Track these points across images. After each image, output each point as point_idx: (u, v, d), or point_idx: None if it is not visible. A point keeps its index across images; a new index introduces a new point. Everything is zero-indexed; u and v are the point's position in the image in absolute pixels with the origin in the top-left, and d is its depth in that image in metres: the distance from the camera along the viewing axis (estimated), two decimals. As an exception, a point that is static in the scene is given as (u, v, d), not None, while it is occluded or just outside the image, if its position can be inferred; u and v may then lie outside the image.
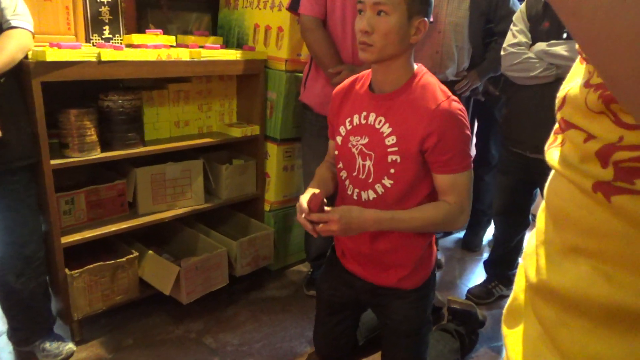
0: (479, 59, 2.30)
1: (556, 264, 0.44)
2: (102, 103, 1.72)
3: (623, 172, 0.37)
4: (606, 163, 0.39)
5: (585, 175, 0.41)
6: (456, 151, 1.21)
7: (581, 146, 0.41)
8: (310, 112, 1.96)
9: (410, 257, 1.34)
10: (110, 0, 1.81)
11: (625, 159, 0.37)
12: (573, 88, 0.45)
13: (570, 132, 0.44)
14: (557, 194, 0.46)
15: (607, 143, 0.39)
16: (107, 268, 1.73)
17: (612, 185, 0.38)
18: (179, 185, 1.98)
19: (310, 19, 1.82)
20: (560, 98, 0.47)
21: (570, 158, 0.43)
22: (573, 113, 0.44)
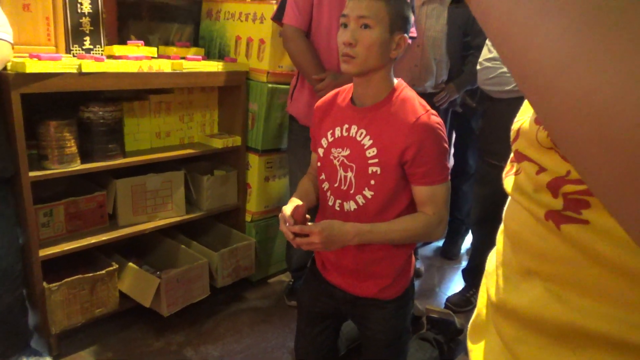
0: (456, 72, 2.37)
1: (514, 284, 0.48)
2: (83, 114, 1.71)
3: (571, 202, 0.40)
4: (556, 194, 0.42)
5: (539, 204, 0.44)
6: (434, 163, 1.24)
7: (534, 177, 0.45)
8: (296, 123, 1.98)
9: (391, 268, 1.36)
10: (92, 11, 1.80)
11: (572, 192, 0.40)
12: (525, 122, 0.48)
13: (525, 163, 0.47)
14: (513, 219, 0.49)
15: (556, 176, 0.42)
16: (86, 281, 1.71)
17: (561, 214, 0.41)
18: (160, 197, 1.97)
19: (293, 29, 1.85)
20: (515, 130, 0.51)
21: (525, 187, 0.46)
22: (526, 146, 0.47)
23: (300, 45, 1.84)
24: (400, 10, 1.21)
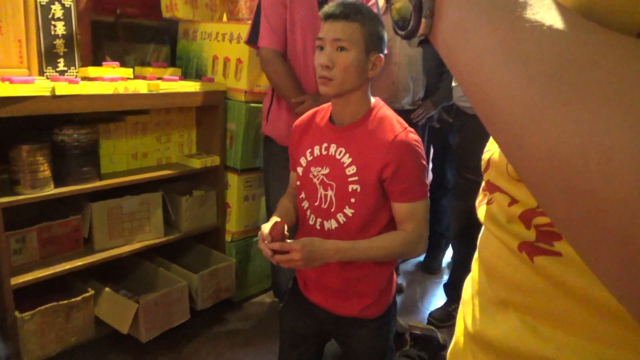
0: (433, 88, 2.41)
1: (489, 315, 0.47)
2: (56, 137, 1.67)
3: (543, 234, 0.40)
4: (529, 225, 0.42)
5: (512, 235, 0.43)
6: (413, 181, 1.25)
7: (506, 209, 0.44)
8: (275, 144, 1.96)
9: (373, 287, 1.36)
10: (65, 33, 1.78)
11: (544, 224, 0.40)
12: (495, 153, 0.48)
13: (497, 194, 0.47)
14: (487, 248, 0.49)
15: (528, 208, 0.42)
16: (61, 308, 1.66)
17: (534, 246, 0.41)
18: (137, 219, 1.94)
19: (270, 52, 1.84)
20: (485, 161, 0.51)
21: (498, 217, 0.46)
22: (497, 177, 0.47)
23: (279, 68, 1.84)
24: (374, 30, 1.23)
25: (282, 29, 1.84)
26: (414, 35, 0.35)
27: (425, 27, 0.34)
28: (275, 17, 1.82)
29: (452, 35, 0.32)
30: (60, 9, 1.74)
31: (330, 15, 1.21)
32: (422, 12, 0.33)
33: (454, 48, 0.32)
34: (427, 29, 0.34)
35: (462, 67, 0.31)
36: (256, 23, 1.89)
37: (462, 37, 0.31)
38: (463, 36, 0.31)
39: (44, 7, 1.70)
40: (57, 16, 1.74)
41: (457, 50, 0.31)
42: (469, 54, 0.30)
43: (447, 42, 0.33)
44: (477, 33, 0.30)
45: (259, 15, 1.86)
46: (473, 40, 0.30)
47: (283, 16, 1.82)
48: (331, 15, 1.21)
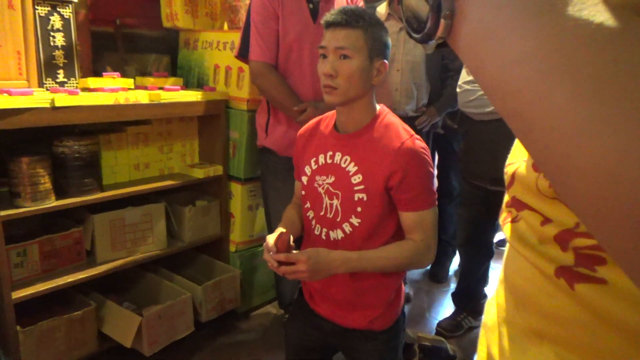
0: (436, 94, 2.38)
1: (520, 347, 0.43)
2: (57, 149, 1.65)
3: (584, 258, 0.36)
4: (566, 247, 0.38)
5: (546, 258, 0.39)
6: (421, 189, 1.22)
7: (539, 229, 0.40)
8: (274, 155, 1.93)
9: (381, 298, 1.33)
10: (65, 44, 1.77)
11: (584, 246, 0.36)
12: (521, 167, 0.44)
13: (525, 212, 0.43)
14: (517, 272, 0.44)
15: (564, 228, 0.38)
16: (63, 322, 1.63)
17: (574, 271, 0.37)
18: (140, 230, 1.91)
19: (262, 65, 1.81)
20: (509, 175, 0.46)
21: (529, 238, 0.42)
22: (525, 193, 0.43)
23: (273, 80, 1.81)
24: (377, 36, 1.20)
25: (273, 42, 1.81)
26: (431, 39, 0.31)
27: (444, 29, 0.30)
28: (267, 29, 1.79)
29: (478, 38, 0.28)
30: (60, 20, 1.73)
31: (332, 23, 1.19)
32: (441, 12, 0.29)
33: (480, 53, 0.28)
34: (446, 31, 0.30)
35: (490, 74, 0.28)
36: (246, 37, 1.86)
37: (490, 40, 0.27)
38: (491, 39, 0.27)
39: (43, 18, 1.69)
40: (56, 27, 1.72)
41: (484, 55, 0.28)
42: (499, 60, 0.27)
43: (471, 46, 0.29)
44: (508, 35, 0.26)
45: (249, 28, 1.83)
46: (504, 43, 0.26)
47: (274, 29, 1.80)
48: (333, 23, 1.19)
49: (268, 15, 1.78)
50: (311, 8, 1.80)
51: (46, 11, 1.69)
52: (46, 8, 1.69)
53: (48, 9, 1.69)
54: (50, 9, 1.70)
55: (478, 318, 2.27)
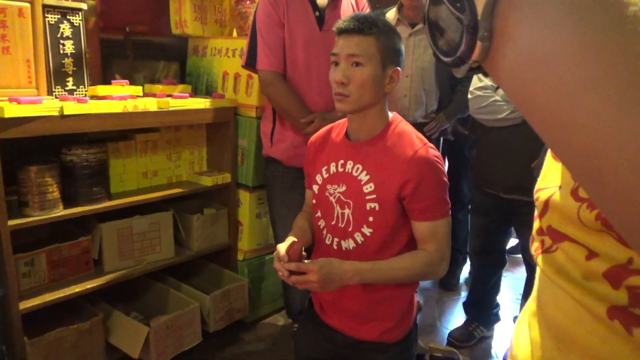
0: (446, 101, 2.36)
1: None
2: (65, 157, 1.64)
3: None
4: (618, 285, 0.34)
5: (594, 296, 0.35)
6: (434, 198, 1.20)
7: (583, 263, 0.37)
8: (280, 165, 1.91)
9: (395, 310, 1.30)
10: (74, 52, 1.76)
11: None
12: (556, 194, 0.41)
13: (566, 244, 0.39)
14: (557, 308, 0.40)
15: (615, 264, 0.34)
16: (70, 333, 1.61)
17: (630, 313, 0.33)
18: (148, 239, 1.89)
19: (270, 74, 1.79)
20: (542, 202, 0.42)
21: (571, 272, 0.38)
22: (563, 223, 0.39)
23: (282, 90, 1.79)
24: (390, 44, 1.18)
25: (280, 50, 1.79)
26: (464, 63, 0.27)
27: (480, 53, 0.26)
28: (273, 38, 1.78)
29: (525, 63, 0.24)
30: (69, 28, 1.73)
31: (344, 30, 1.17)
32: (478, 33, 0.26)
33: (530, 80, 0.25)
34: (483, 54, 0.26)
35: (543, 104, 0.24)
36: (252, 46, 1.84)
37: (543, 65, 0.23)
38: (545, 64, 0.23)
39: (53, 26, 1.68)
40: (65, 35, 1.72)
41: (534, 83, 0.24)
42: (555, 90, 0.23)
43: (517, 73, 0.25)
44: (568, 60, 0.22)
45: (255, 37, 1.82)
46: (562, 69, 0.23)
47: (280, 36, 1.78)
48: (345, 30, 1.17)
49: (273, 24, 1.77)
50: (317, 15, 1.79)
51: (56, 19, 1.69)
52: (56, 16, 1.68)
53: (58, 17, 1.69)
54: (60, 16, 1.70)
55: (490, 328, 2.23)
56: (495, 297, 2.19)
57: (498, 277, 2.14)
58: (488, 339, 2.22)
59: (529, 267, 1.93)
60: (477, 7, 0.25)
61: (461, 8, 0.26)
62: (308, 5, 1.78)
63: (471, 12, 0.26)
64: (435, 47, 0.30)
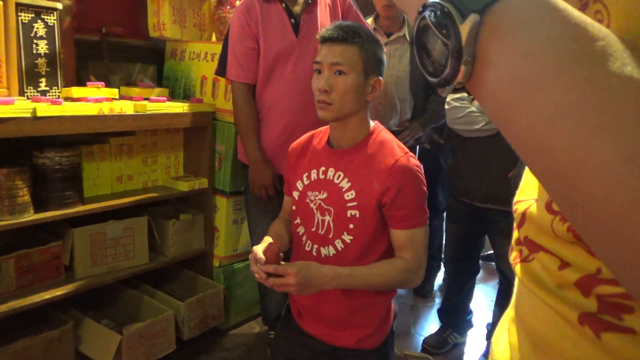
0: (420, 110, 2.40)
1: None
2: (37, 160, 1.60)
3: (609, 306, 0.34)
4: (588, 294, 0.35)
5: (567, 303, 0.37)
6: (413, 207, 1.21)
7: (556, 272, 0.38)
8: None
9: (373, 317, 1.31)
10: (48, 52, 1.72)
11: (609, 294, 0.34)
12: (533, 206, 0.42)
13: (541, 254, 0.40)
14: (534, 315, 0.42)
15: (587, 274, 0.35)
16: (39, 342, 1.56)
17: (599, 319, 0.34)
18: (121, 245, 1.85)
19: (239, 86, 1.81)
20: (519, 213, 0.44)
21: (546, 281, 0.40)
22: (539, 234, 0.41)
23: (245, 108, 1.83)
24: (373, 53, 1.20)
25: (251, 61, 1.79)
26: (449, 84, 0.29)
27: (464, 76, 0.28)
28: (242, 49, 1.78)
29: (506, 88, 0.26)
30: (43, 28, 1.68)
31: (327, 38, 1.18)
32: (462, 58, 0.27)
33: (509, 104, 0.26)
34: (466, 77, 0.28)
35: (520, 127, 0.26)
36: (224, 55, 1.85)
37: (521, 91, 0.25)
38: (522, 90, 0.25)
39: (26, 25, 1.64)
40: (39, 35, 1.68)
41: (512, 107, 0.26)
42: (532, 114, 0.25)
43: (497, 96, 0.27)
44: (543, 87, 0.24)
45: (227, 47, 1.82)
46: (538, 96, 0.24)
47: (252, 48, 1.78)
48: (329, 39, 1.18)
49: (245, 35, 1.77)
50: (293, 23, 1.80)
51: (29, 18, 1.64)
52: (30, 15, 1.64)
53: (32, 16, 1.65)
54: (34, 15, 1.66)
55: (463, 334, 2.27)
56: (468, 304, 2.23)
57: (472, 284, 2.17)
58: (461, 345, 2.26)
59: (501, 275, 1.98)
60: (462, 34, 0.27)
61: (447, 34, 0.28)
62: (283, 12, 1.79)
63: (456, 38, 0.27)
64: (422, 68, 0.32)
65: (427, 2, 0.29)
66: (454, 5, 0.27)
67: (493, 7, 0.26)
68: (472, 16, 0.27)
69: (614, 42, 0.23)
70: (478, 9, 0.27)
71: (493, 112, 0.28)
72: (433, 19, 0.29)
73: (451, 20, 0.27)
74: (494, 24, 0.26)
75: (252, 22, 1.76)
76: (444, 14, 0.28)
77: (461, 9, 0.27)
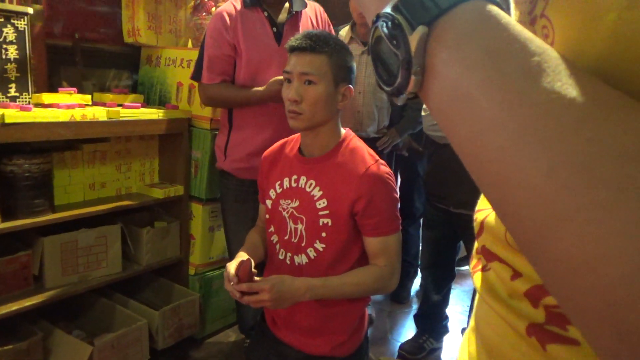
0: (397, 117, 2.42)
1: None
2: (5, 168, 1.56)
3: (555, 317, 0.34)
4: (537, 304, 0.36)
5: (516, 314, 0.37)
6: (385, 214, 1.22)
7: (508, 282, 0.38)
8: (234, 178, 1.89)
9: (347, 324, 1.31)
10: (18, 57, 1.69)
11: (555, 305, 0.34)
12: (490, 216, 0.43)
13: (495, 264, 0.41)
14: (488, 324, 0.42)
15: (535, 284, 0.36)
16: (6, 354, 1.52)
17: (545, 329, 0.35)
18: (93, 254, 1.82)
19: (215, 86, 1.78)
20: (478, 222, 0.45)
21: (499, 291, 0.40)
22: (494, 244, 0.41)
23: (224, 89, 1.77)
24: (342, 61, 1.21)
25: (225, 67, 1.77)
26: (402, 93, 0.30)
27: (414, 86, 0.29)
28: (220, 57, 1.76)
29: (448, 99, 0.27)
30: (13, 32, 1.65)
31: (296, 47, 1.18)
32: (412, 68, 0.28)
33: (451, 114, 0.27)
34: (417, 87, 0.29)
35: (461, 137, 0.26)
36: (200, 60, 1.82)
37: (461, 102, 0.26)
38: (462, 102, 0.26)
39: (-4, 30, 1.61)
40: (9, 39, 1.65)
41: (455, 117, 0.27)
42: (471, 125, 0.25)
43: (442, 106, 0.28)
44: (480, 100, 0.25)
45: (203, 52, 1.80)
46: (476, 108, 0.25)
47: (227, 54, 1.76)
48: (297, 48, 1.18)
49: (222, 41, 1.74)
50: (275, 32, 1.79)
51: (-2, 23, 1.61)
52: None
53: (1, 20, 1.62)
54: (4, 20, 1.63)
55: (439, 339, 2.28)
56: (444, 309, 2.25)
57: (448, 290, 2.19)
58: (437, 350, 2.27)
59: (476, 280, 2.00)
60: (411, 45, 0.28)
61: (397, 45, 0.29)
62: (265, 21, 1.78)
63: (405, 49, 0.28)
64: (378, 77, 0.33)
65: (380, 13, 0.30)
66: (404, 16, 0.28)
67: (440, 19, 0.27)
68: (421, 28, 0.27)
69: (549, 58, 0.24)
70: (426, 21, 0.27)
71: (439, 121, 0.29)
72: (385, 30, 0.29)
73: (401, 31, 0.28)
74: (441, 36, 0.27)
75: (231, 29, 1.74)
76: (394, 25, 0.28)
77: (410, 21, 0.28)
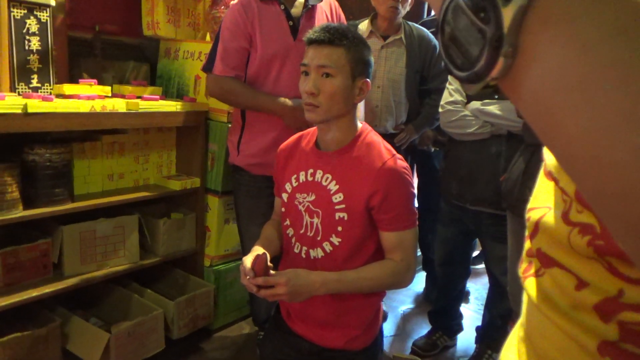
0: (415, 113, 2.40)
1: None
2: (27, 157, 1.59)
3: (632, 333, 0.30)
4: (608, 319, 0.32)
5: (583, 328, 0.33)
6: (402, 209, 1.22)
7: (571, 292, 0.34)
8: (247, 174, 1.89)
9: (362, 318, 1.31)
10: (40, 48, 1.71)
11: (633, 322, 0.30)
12: (548, 216, 0.38)
13: (554, 270, 0.36)
14: (546, 338, 0.38)
15: (606, 297, 0.32)
16: (24, 340, 1.55)
17: (621, 348, 0.31)
18: (111, 243, 1.84)
19: (229, 80, 1.76)
20: (533, 222, 0.40)
21: (558, 301, 0.36)
22: (553, 247, 0.37)
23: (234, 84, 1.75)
24: (360, 55, 1.20)
25: (240, 61, 1.76)
26: (482, 79, 0.24)
27: (501, 70, 0.23)
28: (235, 48, 1.74)
29: (553, 87, 0.21)
30: (36, 24, 1.68)
31: (314, 40, 1.18)
32: (502, 48, 0.23)
33: (555, 107, 0.22)
34: (503, 72, 0.23)
35: (569, 137, 0.21)
36: (213, 51, 1.81)
37: (573, 92, 0.21)
38: (576, 91, 0.21)
39: (18, 21, 1.63)
40: (32, 31, 1.67)
41: (561, 110, 0.21)
42: (587, 122, 0.20)
43: (540, 97, 0.22)
44: (605, 90, 0.19)
45: (217, 44, 1.79)
46: (597, 100, 0.20)
47: (243, 46, 1.75)
48: (315, 41, 1.18)
49: (238, 33, 1.73)
50: (291, 25, 1.78)
51: (22, 14, 1.64)
52: (22, 11, 1.63)
53: (24, 12, 1.64)
54: (27, 12, 1.65)
55: (453, 337, 2.27)
56: (459, 307, 2.23)
57: (463, 287, 2.18)
58: (450, 348, 2.26)
59: (492, 277, 1.98)
60: (504, 19, 0.22)
61: (485, 19, 0.23)
62: (282, 14, 1.77)
63: (497, 24, 0.22)
64: (447, 59, 0.27)
65: None
66: None
67: None
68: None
69: None
70: None
71: (534, 116, 0.24)
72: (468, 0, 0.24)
73: (491, 2, 0.22)
74: (546, 9, 0.21)
75: (248, 22, 1.74)
76: None
77: None
